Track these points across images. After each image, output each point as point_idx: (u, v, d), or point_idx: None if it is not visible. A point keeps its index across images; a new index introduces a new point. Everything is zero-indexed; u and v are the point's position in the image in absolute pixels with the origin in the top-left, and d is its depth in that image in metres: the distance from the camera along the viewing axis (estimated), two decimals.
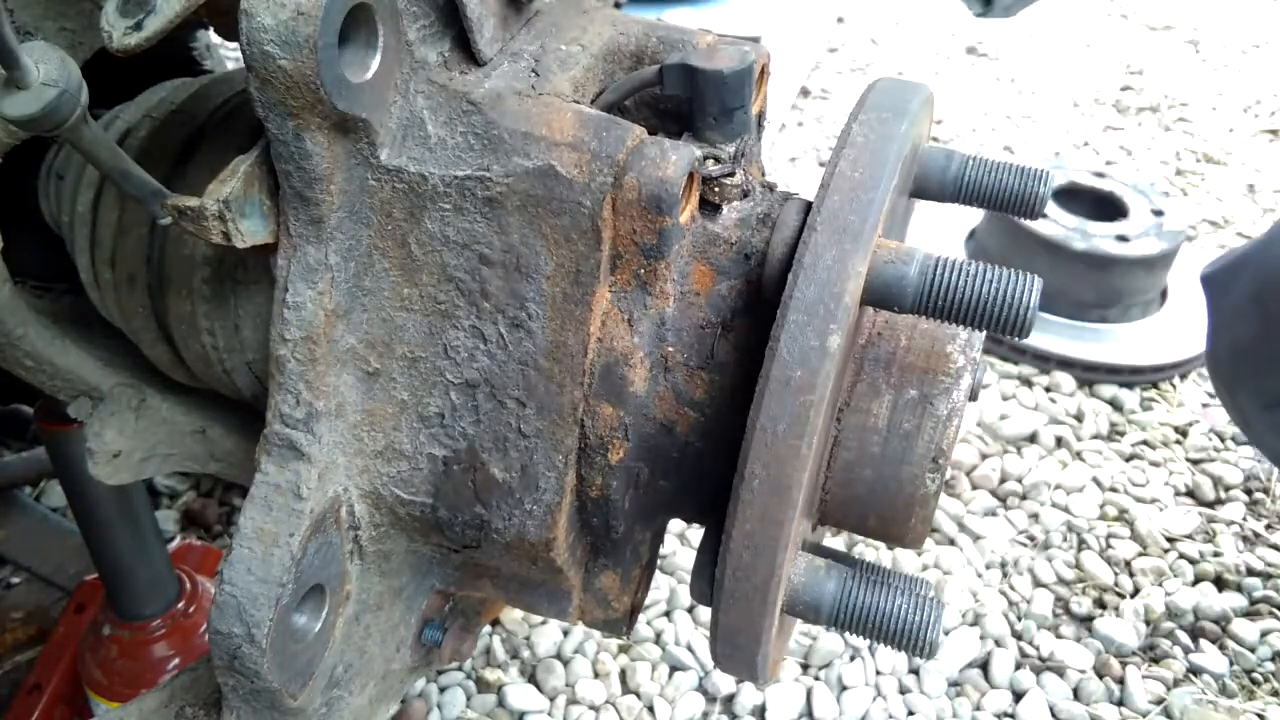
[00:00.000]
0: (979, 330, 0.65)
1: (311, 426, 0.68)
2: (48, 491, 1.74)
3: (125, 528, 1.19)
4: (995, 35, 3.57)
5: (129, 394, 0.90)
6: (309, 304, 0.65)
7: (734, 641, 0.67)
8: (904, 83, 0.70)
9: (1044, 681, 1.52)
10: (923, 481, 0.69)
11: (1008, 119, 3.13)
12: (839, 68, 3.38)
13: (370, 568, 0.74)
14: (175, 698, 0.77)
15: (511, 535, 0.72)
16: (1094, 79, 3.37)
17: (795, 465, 0.60)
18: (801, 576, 0.68)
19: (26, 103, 0.56)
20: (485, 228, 0.65)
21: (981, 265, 0.62)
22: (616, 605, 0.81)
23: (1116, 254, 2.11)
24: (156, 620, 1.25)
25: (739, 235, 0.71)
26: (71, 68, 0.58)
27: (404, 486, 0.72)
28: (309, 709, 0.72)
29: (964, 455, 1.90)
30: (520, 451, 0.69)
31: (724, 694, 1.50)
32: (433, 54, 0.66)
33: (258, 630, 0.64)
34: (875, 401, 0.69)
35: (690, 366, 0.69)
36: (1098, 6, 3.89)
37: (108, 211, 0.83)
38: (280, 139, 0.60)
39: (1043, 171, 0.71)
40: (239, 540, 0.66)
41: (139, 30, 0.59)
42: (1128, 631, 1.57)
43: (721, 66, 0.69)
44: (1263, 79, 3.42)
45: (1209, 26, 3.79)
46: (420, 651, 0.85)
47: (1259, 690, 1.52)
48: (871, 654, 1.56)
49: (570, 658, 1.54)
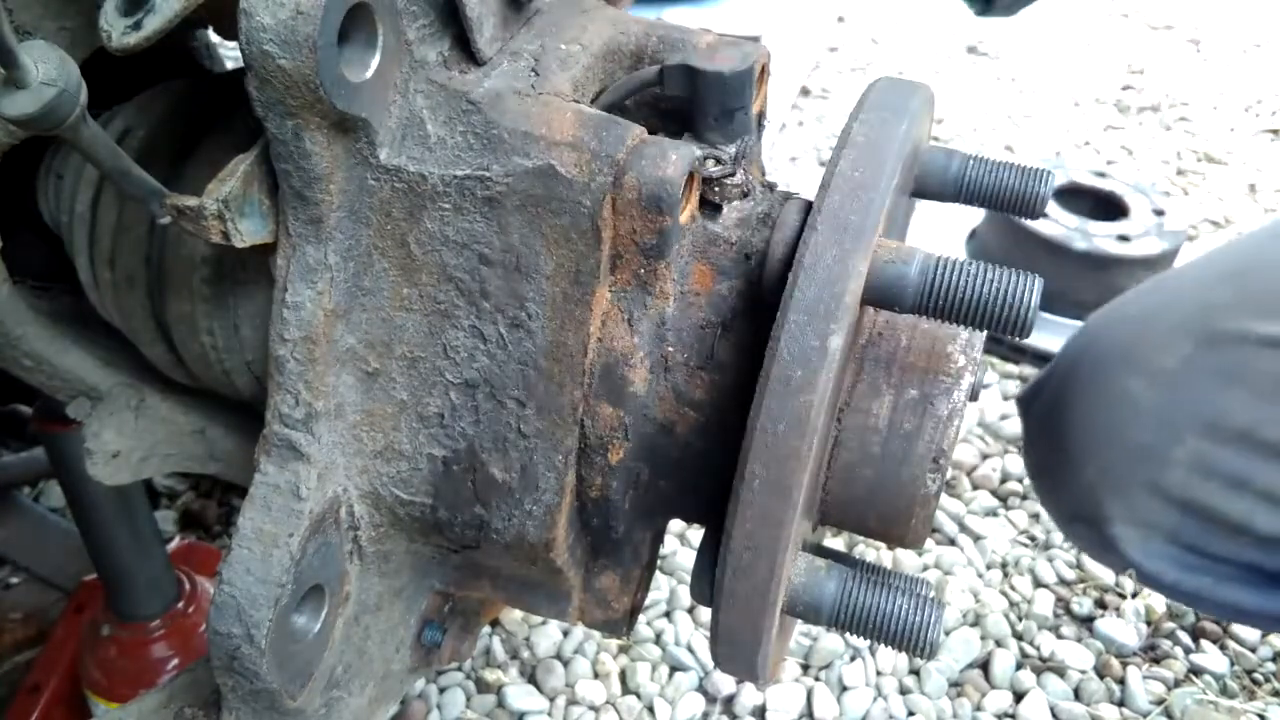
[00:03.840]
0: (980, 330, 0.64)
1: (311, 427, 0.67)
2: (47, 491, 1.74)
3: (124, 528, 1.19)
4: (995, 35, 3.57)
5: (128, 394, 0.90)
6: (308, 304, 0.65)
7: (734, 642, 0.67)
8: (904, 82, 0.70)
9: (1045, 682, 1.52)
10: (923, 481, 0.69)
11: (1008, 118, 3.12)
12: (839, 68, 3.37)
13: (370, 568, 0.74)
14: (174, 698, 0.77)
15: (511, 536, 0.71)
16: (1094, 78, 3.36)
17: (795, 465, 0.59)
18: (801, 577, 0.67)
19: (25, 102, 0.56)
20: (485, 227, 0.65)
21: (982, 265, 0.62)
22: (616, 606, 0.81)
23: (1117, 254, 2.11)
24: (156, 621, 1.25)
25: (739, 235, 0.70)
26: (70, 67, 0.58)
27: (404, 487, 0.71)
28: (308, 709, 0.72)
29: (964, 455, 1.90)
30: (520, 452, 0.69)
31: (724, 694, 1.49)
32: (432, 53, 0.66)
33: (257, 631, 0.64)
34: (875, 401, 0.69)
35: (690, 366, 0.69)
36: (1098, 6, 3.89)
37: (107, 211, 0.83)
38: (279, 138, 0.60)
39: (1044, 171, 0.71)
40: (238, 541, 0.66)
41: (138, 30, 0.59)
42: (1128, 632, 1.57)
43: (722, 67, 0.69)
44: (1264, 78, 3.42)
45: (1210, 26, 3.79)
46: (420, 652, 0.85)
47: (1260, 690, 1.52)
48: (872, 654, 1.55)
49: (570, 658, 1.54)
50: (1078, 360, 1.05)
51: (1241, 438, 0.92)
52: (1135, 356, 0.99)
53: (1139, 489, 0.97)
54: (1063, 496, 1.05)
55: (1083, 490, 1.00)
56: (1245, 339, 0.92)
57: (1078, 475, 1.01)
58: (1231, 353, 0.93)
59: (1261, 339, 0.91)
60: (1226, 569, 0.97)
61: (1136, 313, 1.04)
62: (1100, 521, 1.00)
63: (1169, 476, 0.95)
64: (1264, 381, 0.91)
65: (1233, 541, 0.95)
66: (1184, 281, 1.05)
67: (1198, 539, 0.96)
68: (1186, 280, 1.05)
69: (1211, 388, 0.94)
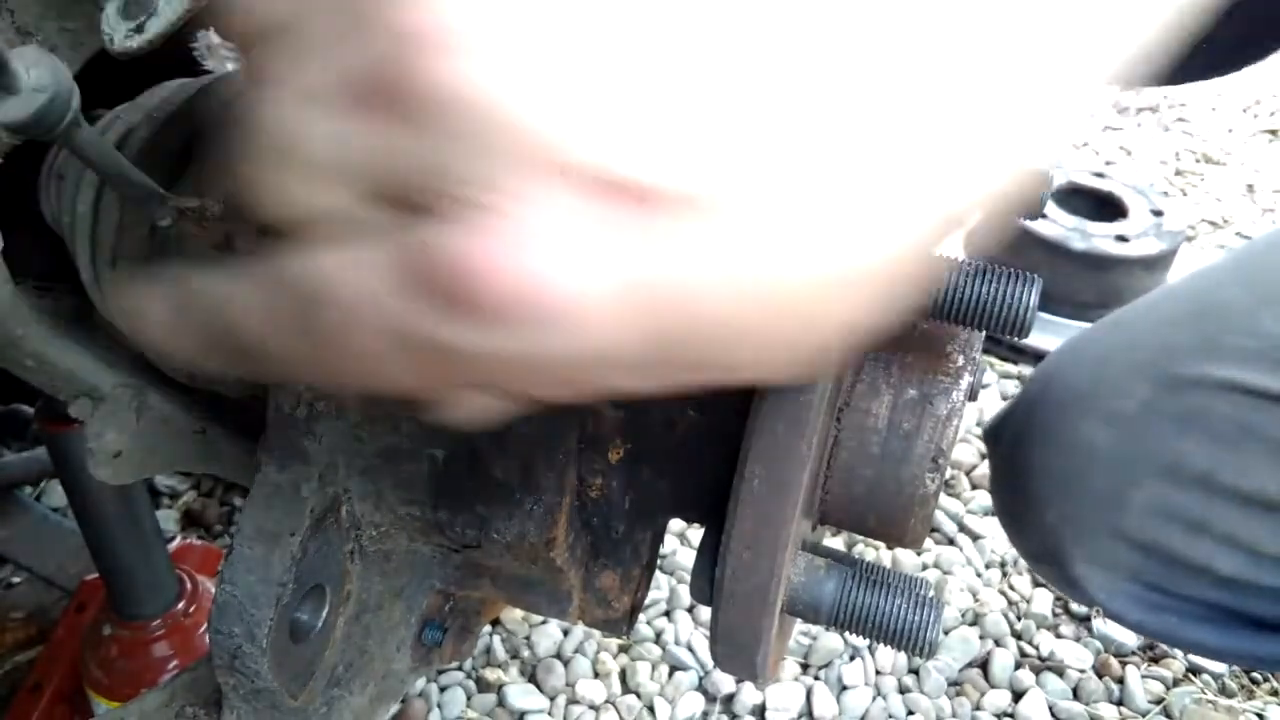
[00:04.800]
0: (979, 330, 0.65)
1: (312, 426, 0.68)
2: (48, 491, 1.75)
3: (126, 528, 1.19)
4: None
5: (130, 394, 0.90)
6: None
7: (734, 641, 0.67)
8: None
9: (1044, 681, 1.52)
10: (922, 481, 0.69)
11: None
12: None
13: (370, 567, 0.74)
14: (176, 697, 0.77)
15: (511, 535, 0.72)
16: None
17: (795, 465, 0.60)
18: (801, 576, 0.68)
19: (17, 108, 0.56)
20: None
21: (981, 265, 0.62)
22: (616, 605, 0.81)
23: (1116, 254, 2.11)
24: (157, 620, 1.25)
25: None
26: (62, 72, 0.58)
27: (404, 486, 0.72)
28: (310, 708, 0.72)
29: (964, 455, 1.90)
30: (520, 451, 0.69)
31: (724, 693, 1.50)
32: None
33: (258, 630, 0.65)
34: (875, 401, 0.69)
35: None
36: None
37: (108, 212, 0.83)
38: None
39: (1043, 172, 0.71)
40: (239, 540, 0.66)
41: (140, 33, 0.59)
42: (1127, 631, 1.58)
43: None
44: (1262, 79, 3.42)
45: None
46: (420, 651, 0.85)
47: (1258, 690, 1.52)
48: (871, 653, 1.56)
49: (570, 657, 1.54)
50: (1037, 401, 1.04)
51: (1200, 482, 0.92)
52: (1093, 400, 0.98)
53: (1100, 533, 0.96)
54: (1027, 535, 1.06)
55: (1045, 532, 1.00)
56: (1203, 383, 0.92)
57: (1040, 518, 1.00)
58: (1190, 397, 0.92)
59: (1220, 383, 0.91)
60: (1191, 608, 0.97)
61: (1095, 354, 1.03)
62: (1064, 562, 1.00)
63: (1129, 521, 0.95)
64: (1223, 426, 0.91)
65: (1195, 582, 0.95)
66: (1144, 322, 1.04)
67: (1161, 579, 0.96)
68: (1146, 321, 1.03)
69: (1170, 432, 0.93)
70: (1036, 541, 1.04)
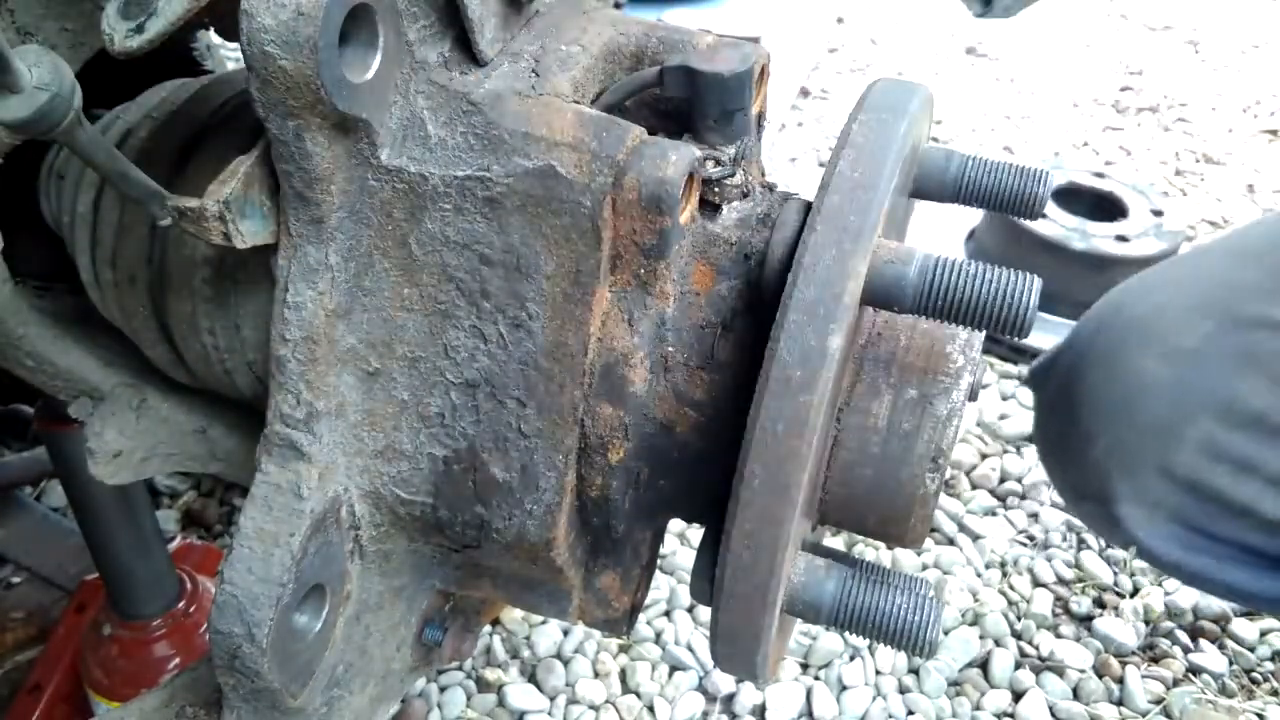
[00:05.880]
0: (979, 330, 0.65)
1: (312, 426, 0.68)
2: (48, 491, 1.75)
3: (126, 528, 1.19)
4: (995, 35, 3.57)
5: (129, 394, 0.90)
6: (309, 304, 0.65)
7: (734, 641, 0.67)
8: (903, 83, 0.71)
9: (1043, 681, 1.52)
10: (922, 481, 0.69)
11: (1007, 119, 3.13)
12: (839, 68, 3.38)
13: (371, 567, 0.74)
14: (176, 697, 0.77)
15: (512, 535, 0.72)
16: (1093, 79, 3.37)
17: (795, 465, 0.60)
18: (801, 576, 0.68)
19: (19, 107, 0.56)
20: (485, 228, 0.66)
21: (981, 265, 0.62)
22: (616, 605, 0.81)
23: (1116, 254, 2.11)
24: (157, 620, 1.25)
25: (739, 235, 0.71)
26: (64, 71, 0.58)
27: (404, 486, 0.72)
28: (309, 709, 0.72)
29: (964, 455, 1.90)
30: (520, 451, 0.70)
31: (724, 693, 1.50)
32: (433, 54, 0.66)
33: (258, 630, 0.65)
34: (875, 401, 0.69)
35: (690, 366, 0.69)
36: (1097, 7, 3.89)
37: (109, 212, 0.83)
38: (281, 139, 0.60)
39: (1042, 172, 0.71)
40: (239, 540, 0.66)
41: (141, 33, 0.59)
42: (1127, 631, 1.58)
43: (721, 69, 0.69)
44: (1262, 79, 3.42)
45: (1208, 27, 3.79)
46: (421, 651, 0.85)
47: (1258, 690, 1.52)
48: (871, 653, 1.56)
49: (570, 657, 1.54)
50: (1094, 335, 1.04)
51: (1254, 422, 0.92)
52: (1153, 334, 0.97)
53: (1147, 468, 0.96)
54: (1070, 472, 1.05)
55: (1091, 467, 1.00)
56: (1266, 323, 0.92)
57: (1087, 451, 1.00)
58: (1251, 336, 0.93)
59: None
60: (1229, 550, 0.97)
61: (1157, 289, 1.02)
62: (1107, 500, 0.99)
63: (1178, 457, 0.95)
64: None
65: (1237, 524, 0.95)
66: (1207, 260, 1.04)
67: (1203, 520, 0.96)
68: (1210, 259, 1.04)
69: (1228, 370, 0.93)
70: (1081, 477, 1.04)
